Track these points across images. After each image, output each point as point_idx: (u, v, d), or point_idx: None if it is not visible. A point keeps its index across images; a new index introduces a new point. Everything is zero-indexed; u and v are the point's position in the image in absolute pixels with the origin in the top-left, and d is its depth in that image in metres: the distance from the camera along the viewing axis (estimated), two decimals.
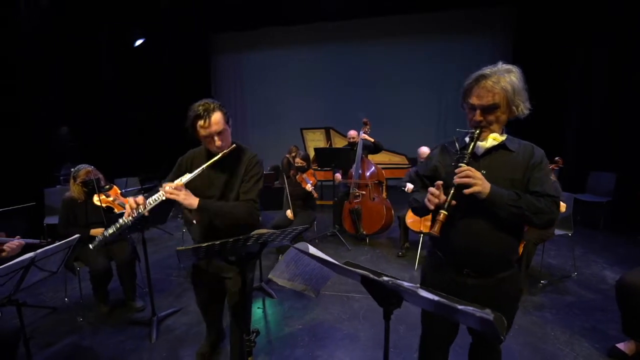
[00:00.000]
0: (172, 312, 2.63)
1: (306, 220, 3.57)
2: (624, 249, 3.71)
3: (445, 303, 0.59)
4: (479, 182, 1.10)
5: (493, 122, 1.18)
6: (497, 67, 1.16)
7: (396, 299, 0.80)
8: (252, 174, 1.58)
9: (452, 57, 6.92)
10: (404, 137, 6.81)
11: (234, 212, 1.52)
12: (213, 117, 1.46)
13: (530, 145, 1.23)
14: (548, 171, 1.20)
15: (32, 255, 1.47)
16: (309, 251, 0.90)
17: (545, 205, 1.13)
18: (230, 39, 7.75)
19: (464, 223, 1.21)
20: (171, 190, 1.41)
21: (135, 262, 2.74)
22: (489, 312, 0.54)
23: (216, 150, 1.51)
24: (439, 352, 1.49)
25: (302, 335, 2.34)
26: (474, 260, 1.23)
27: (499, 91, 1.13)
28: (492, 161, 1.21)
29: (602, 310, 2.57)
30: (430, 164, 1.38)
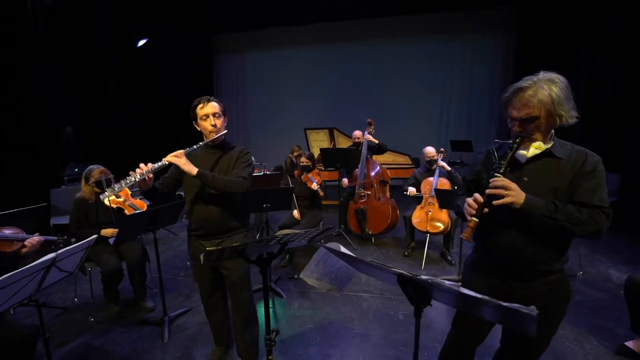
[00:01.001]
0: (183, 312, 2.64)
1: (313, 220, 3.59)
2: (628, 248, 3.74)
3: (490, 301, 0.61)
4: (511, 193, 1.09)
5: (534, 132, 1.15)
6: (537, 77, 1.13)
7: (428, 297, 0.82)
8: (243, 160, 1.77)
9: (454, 58, 6.96)
10: (406, 137, 6.85)
11: (229, 183, 1.66)
12: (211, 102, 1.72)
13: (584, 152, 1.18)
14: (601, 180, 1.14)
15: (53, 256, 1.48)
16: (340, 251, 0.92)
17: (588, 217, 1.09)
18: (233, 40, 7.77)
19: (501, 232, 1.20)
20: (173, 155, 1.59)
21: (146, 262, 2.76)
22: (533, 309, 0.56)
23: (212, 130, 1.70)
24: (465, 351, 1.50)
25: (313, 334, 2.36)
26: (512, 266, 1.23)
27: (536, 103, 1.10)
28: (535, 168, 1.18)
29: (609, 308, 2.60)
30: (475, 169, 1.38)
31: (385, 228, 4.06)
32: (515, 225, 1.17)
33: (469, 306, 0.76)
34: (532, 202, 1.09)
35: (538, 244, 1.17)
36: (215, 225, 1.75)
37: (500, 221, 1.17)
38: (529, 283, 1.22)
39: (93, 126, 5.60)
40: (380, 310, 2.65)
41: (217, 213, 1.73)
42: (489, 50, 6.82)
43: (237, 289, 1.81)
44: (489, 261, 1.28)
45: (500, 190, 1.09)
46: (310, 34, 7.34)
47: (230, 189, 1.65)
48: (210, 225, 1.75)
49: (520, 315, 0.58)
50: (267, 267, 1.39)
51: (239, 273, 1.79)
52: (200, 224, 1.77)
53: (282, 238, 1.29)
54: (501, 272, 1.25)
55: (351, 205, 4.25)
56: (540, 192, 1.13)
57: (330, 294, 2.89)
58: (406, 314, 2.59)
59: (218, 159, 1.76)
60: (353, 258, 0.91)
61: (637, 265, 3.32)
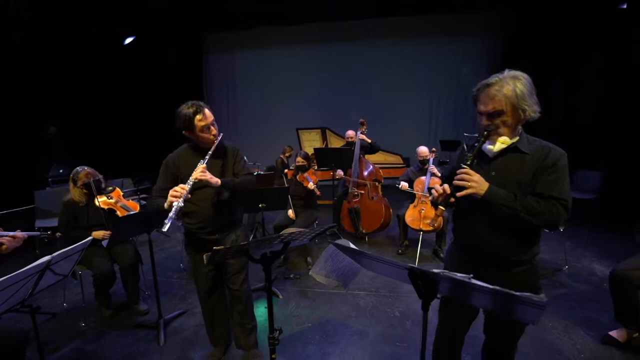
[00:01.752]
0: (178, 314, 2.60)
1: (308, 220, 3.59)
2: (609, 243, 3.91)
3: (500, 290, 0.64)
4: (473, 185, 1.16)
5: (500, 126, 1.21)
6: (503, 75, 1.20)
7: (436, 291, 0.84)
8: (239, 158, 1.89)
9: (443, 59, 7.10)
10: (397, 137, 6.95)
11: (245, 183, 1.81)
12: (206, 111, 1.72)
13: (548, 147, 1.24)
14: (562, 173, 1.19)
15: (48, 259, 1.43)
16: (350, 247, 0.93)
17: (545, 208, 1.15)
18: (224, 38, 7.67)
19: (469, 221, 1.30)
20: (201, 172, 1.63)
21: (139, 265, 2.70)
22: (543, 297, 0.59)
23: (212, 139, 1.73)
24: (456, 340, 1.55)
25: (312, 333, 2.37)
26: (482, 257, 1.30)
27: (501, 98, 1.17)
28: (502, 163, 1.25)
29: (594, 300, 2.71)
30: (451, 165, 1.47)
31: (379, 227, 4.10)
32: (480, 215, 1.25)
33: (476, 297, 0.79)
34: (493, 193, 1.17)
35: (503, 233, 1.23)
36: (219, 222, 1.82)
37: (468, 211, 1.26)
38: (502, 272, 1.28)
39: (78, 126, 5.43)
40: (376, 307, 2.69)
41: (219, 210, 1.79)
42: (475, 52, 6.99)
43: (237, 280, 1.88)
44: (464, 249, 1.36)
45: (463, 182, 1.16)
46: (302, 33, 7.34)
47: (250, 188, 1.83)
48: (214, 222, 1.81)
49: (530, 303, 0.61)
50: (270, 265, 1.40)
51: (240, 263, 1.88)
52: (204, 223, 1.81)
53: (286, 237, 1.29)
54: (477, 259, 1.32)
55: (344, 204, 4.28)
56: (506, 185, 1.20)
57: (326, 293, 2.92)
58: (402, 310, 2.63)
59: (222, 163, 1.82)
60: (364, 254, 0.93)
61: (618, 259, 3.43)
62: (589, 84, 5.17)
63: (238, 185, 1.78)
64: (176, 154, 1.85)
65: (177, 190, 1.60)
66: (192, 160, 1.72)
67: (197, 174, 1.62)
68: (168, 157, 1.86)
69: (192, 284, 3.14)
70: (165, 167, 1.83)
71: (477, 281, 0.69)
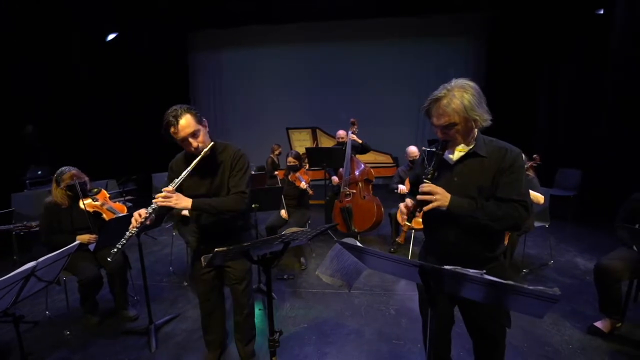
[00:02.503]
0: (169, 319, 2.53)
1: (301, 220, 3.57)
2: (590, 237, 4.08)
3: (513, 285, 0.65)
4: (438, 197, 1.17)
5: (456, 136, 1.23)
6: (451, 86, 1.21)
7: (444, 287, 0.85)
8: (238, 168, 1.63)
9: (430, 60, 7.23)
10: (385, 137, 7.00)
11: (227, 205, 1.58)
12: (181, 122, 1.49)
13: (504, 148, 1.26)
14: (519, 174, 1.22)
15: (33, 265, 1.36)
16: (358, 245, 0.92)
17: (505, 212, 1.18)
18: (209, 37, 7.53)
19: (437, 230, 1.32)
20: (162, 198, 1.47)
21: (127, 269, 2.61)
22: (557, 290, 0.60)
23: (194, 152, 1.56)
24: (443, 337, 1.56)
25: (308, 333, 2.35)
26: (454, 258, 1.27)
27: (450, 112, 1.18)
28: (463, 168, 1.27)
29: (579, 293, 2.82)
30: (415, 172, 1.50)
31: (371, 225, 4.13)
32: (447, 223, 1.26)
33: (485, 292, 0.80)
34: (456, 203, 1.18)
35: (470, 238, 1.26)
36: (219, 232, 1.70)
37: (435, 221, 1.29)
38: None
39: (57, 125, 5.20)
40: (371, 305, 2.70)
41: (219, 220, 1.66)
42: (461, 55, 7.16)
43: (240, 284, 1.80)
44: (435, 254, 1.39)
45: (428, 196, 1.17)
46: (289, 33, 7.31)
47: (230, 211, 1.58)
48: (218, 229, 1.70)
49: (543, 297, 0.62)
50: (270, 266, 1.37)
51: (242, 268, 1.79)
52: (207, 230, 1.70)
53: (287, 237, 1.27)
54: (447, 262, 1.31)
55: (337, 204, 4.29)
56: (468, 190, 1.22)
57: (320, 292, 2.91)
58: (397, 308, 2.65)
59: (213, 172, 1.64)
60: (373, 252, 0.93)
61: (599, 252, 3.62)
62: (570, 85, 5.38)
63: (214, 207, 1.54)
64: (176, 157, 1.74)
65: (136, 218, 1.46)
66: (182, 168, 1.55)
67: (158, 199, 1.44)
68: (173, 159, 1.75)
69: (182, 287, 3.07)
70: (170, 171, 1.72)
71: (490, 277, 0.70)
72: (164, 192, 1.47)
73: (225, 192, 1.64)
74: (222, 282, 1.88)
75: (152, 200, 1.49)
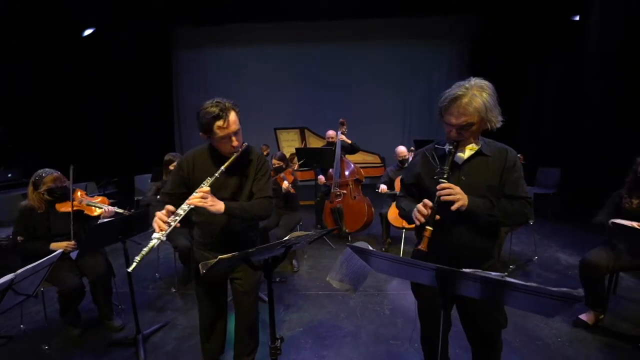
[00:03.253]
0: (158, 328, 2.42)
1: (292, 221, 3.52)
2: (570, 233, 4.26)
3: (537, 287, 0.64)
4: (459, 197, 1.16)
5: (469, 137, 1.25)
6: (470, 84, 1.20)
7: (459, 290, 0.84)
8: (263, 172, 1.56)
9: (416, 62, 7.36)
10: (373, 137, 7.06)
11: (256, 210, 1.50)
12: (231, 117, 1.41)
13: (504, 149, 1.31)
14: (521, 173, 1.27)
15: (11, 277, 1.25)
16: (369, 249, 0.90)
17: (517, 209, 1.23)
18: (193, 34, 7.31)
19: (445, 232, 1.26)
20: (200, 198, 1.34)
21: (111, 277, 2.47)
22: (581, 291, 0.60)
23: (232, 150, 1.45)
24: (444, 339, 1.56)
25: (304, 337, 2.31)
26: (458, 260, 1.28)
27: (472, 111, 1.17)
28: (471, 168, 1.28)
29: (563, 287, 2.92)
30: (414, 172, 1.43)
31: (362, 226, 4.13)
32: (462, 225, 1.25)
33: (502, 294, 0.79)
34: (474, 203, 1.18)
35: (481, 237, 1.28)
36: (227, 240, 1.56)
37: (449, 223, 1.24)
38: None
39: (30, 126, 4.89)
40: (366, 306, 2.69)
41: (231, 226, 1.54)
42: (446, 57, 7.33)
43: (247, 298, 1.65)
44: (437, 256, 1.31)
45: (452, 197, 1.15)
46: (276, 32, 7.22)
47: (259, 216, 1.52)
48: (222, 240, 1.56)
49: (566, 297, 0.62)
50: (272, 272, 1.33)
51: (252, 281, 1.64)
52: (210, 239, 1.57)
53: (288, 242, 1.24)
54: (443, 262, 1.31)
55: (327, 204, 4.27)
56: (478, 189, 1.23)
57: (313, 295, 2.88)
58: (392, 308, 2.66)
59: (238, 175, 1.52)
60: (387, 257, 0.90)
61: (579, 248, 3.80)
62: (552, 86, 5.61)
63: (246, 212, 1.46)
64: (193, 154, 1.56)
65: (162, 219, 1.28)
66: (208, 166, 1.45)
67: (194, 199, 1.32)
68: (183, 156, 1.57)
69: (170, 294, 2.95)
70: (178, 169, 1.54)
71: (511, 279, 0.69)
72: (199, 193, 1.34)
73: (246, 195, 1.54)
74: (226, 291, 1.74)
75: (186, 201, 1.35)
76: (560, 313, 0.72)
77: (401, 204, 1.41)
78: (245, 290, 1.65)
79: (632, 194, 2.26)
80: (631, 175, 2.30)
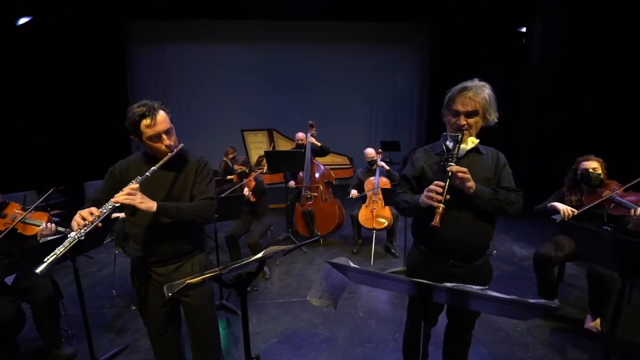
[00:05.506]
0: (117, 352, 2.20)
1: (263, 227, 3.40)
2: (521, 227, 4.63)
3: (518, 300, 0.66)
4: (471, 179, 1.28)
5: (472, 126, 1.38)
6: (474, 82, 1.38)
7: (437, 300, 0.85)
8: (203, 175, 1.51)
9: (380, 66, 7.54)
10: (340, 138, 7.11)
11: (194, 210, 1.44)
12: (159, 116, 1.37)
13: (494, 150, 1.48)
14: (509, 169, 1.45)
15: None
16: (350, 266, 0.87)
17: (515, 198, 1.37)
18: (151, 29, 6.78)
19: (452, 217, 1.33)
20: (126, 195, 1.27)
21: (58, 299, 2.20)
22: (556, 302, 0.63)
23: (164, 150, 1.40)
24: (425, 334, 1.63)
25: (279, 348, 2.24)
26: (461, 249, 1.40)
27: (479, 100, 1.34)
28: (470, 162, 1.38)
29: (519, 278, 3.18)
30: (417, 166, 1.49)
31: (334, 228, 4.14)
32: (467, 209, 1.36)
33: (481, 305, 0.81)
34: (480, 188, 1.31)
35: (483, 224, 1.39)
36: (169, 250, 1.46)
37: (452, 208, 1.32)
38: (467, 263, 1.42)
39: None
40: (340, 310, 2.68)
41: (170, 235, 1.44)
42: (409, 61, 7.62)
43: (200, 316, 1.54)
44: (436, 247, 1.43)
45: (467, 175, 1.27)
46: (244, 30, 6.94)
47: (200, 217, 1.45)
48: (163, 250, 1.45)
49: (542, 308, 0.65)
50: (246, 288, 1.26)
51: (203, 296, 1.53)
52: (151, 250, 1.45)
53: (264, 256, 1.17)
54: (445, 255, 1.42)
55: (298, 207, 4.21)
56: (477, 179, 1.33)
57: (286, 302, 2.83)
58: (365, 310, 2.69)
59: (174, 178, 1.46)
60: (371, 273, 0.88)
61: (529, 240, 4.16)
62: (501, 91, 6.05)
63: (185, 212, 1.39)
64: (126, 161, 1.49)
65: (83, 216, 1.20)
66: (143, 170, 1.37)
67: (120, 196, 1.25)
68: (116, 164, 1.49)
69: (130, 312, 2.71)
70: (109, 177, 1.46)
71: (494, 293, 0.71)
72: (126, 190, 1.27)
73: (186, 200, 1.48)
74: (177, 312, 1.60)
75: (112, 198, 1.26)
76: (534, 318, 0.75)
77: (404, 198, 1.47)
78: (196, 307, 1.53)
79: (571, 191, 2.51)
80: (571, 175, 2.55)
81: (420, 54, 7.59)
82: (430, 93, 7.51)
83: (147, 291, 1.50)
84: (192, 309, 1.52)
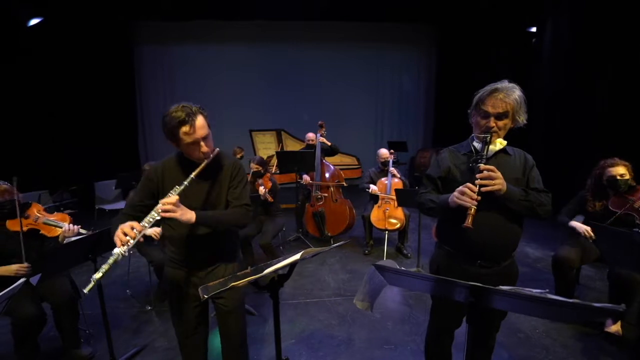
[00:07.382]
0: (135, 353, 2.20)
1: (274, 228, 3.40)
2: (535, 229, 4.58)
3: (581, 304, 0.64)
4: (502, 181, 1.26)
5: (502, 128, 1.36)
6: (504, 84, 1.36)
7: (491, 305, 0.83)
8: (239, 179, 1.48)
9: (385, 66, 7.52)
10: (348, 138, 7.10)
11: (231, 219, 1.43)
12: (198, 122, 1.32)
13: (521, 150, 1.47)
14: (538, 172, 1.43)
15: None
16: (396, 268, 0.86)
17: (545, 200, 1.35)
18: (158, 29, 6.79)
19: (480, 217, 1.29)
20: (167, 208, 1.24)
21: (77, 299, 2.20)
22: (623, 306, 0.62)
23: (202, 157, 1.36)
24: (447, 337, 1.63)
25: (297, 349, 2.23)
26: (490, 250, 1.38)
27: (510, 102, 1.32)
28: (498, 163, 1.36)
29: (534, 280, 3.16)
30: (443, 166, 1.48)
31: (345, 228, 4.13)
32: (497, 210, 1.33)
33: (542, 309, 0.80)
34: (510, 189, 1.29)
35: (512, 225, 1.38)
36: (205, 253, 1.46)
37: (484, 207, 1.29)
38: (495, 264, 1.40)
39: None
40: (356, 311, 2.67)
41: (207, 240, 1.43)
42: (415, 61, 7.59)
43: (231, 318, 1.54)
44: (463, 248, 1.41)
45: (496, 180, 1.25)
46: (251, 31, 6.93)
47: (236, 225, 1.45)
48: (200, 253, 1.45)
49: (609, 312, 0.63)
50: (278, 290, 1.25)
51: (235, 298, 1.54)
52: (187, 252, 1.44)
53: (300, 259, 1.16)
54: (473, 256, 1.40)
55: (308, 208, 4.20)
56: (507, 180, 1.32)
57: (302, 303, 2.82)
58: (382, 311, 2.67)
59: (210, 184, 1.43)
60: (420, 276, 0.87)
61: (543, 241, 4.12)
62: None
63: (222, 222, 1.39)
64: (162, 163, 1.45)
65: (125, 232, 1.17)
66: (177, 175, 1.35)
67: (161, 209, 1.23)
68: (152, 166, 1.47)
69: (145, 313, 2.71)
70: (146, 181, 1.43)
71: (554, 296, 0.69)
72: (168, 203, 1.24)
73: (221, 206, 1.45)
74: (207, 312, 1.62)
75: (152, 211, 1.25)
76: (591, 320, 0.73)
77: (429, 197, 1.45)
78: (229, 309, 1.54)
79: (595, 197, 2.46)
80: (593, 179, 2.48)
81: (427, 54, 7.56)
82: (437, 93, 7.49)
83: (181, 292, 1.50)
84: (225, 307, 1.53)
